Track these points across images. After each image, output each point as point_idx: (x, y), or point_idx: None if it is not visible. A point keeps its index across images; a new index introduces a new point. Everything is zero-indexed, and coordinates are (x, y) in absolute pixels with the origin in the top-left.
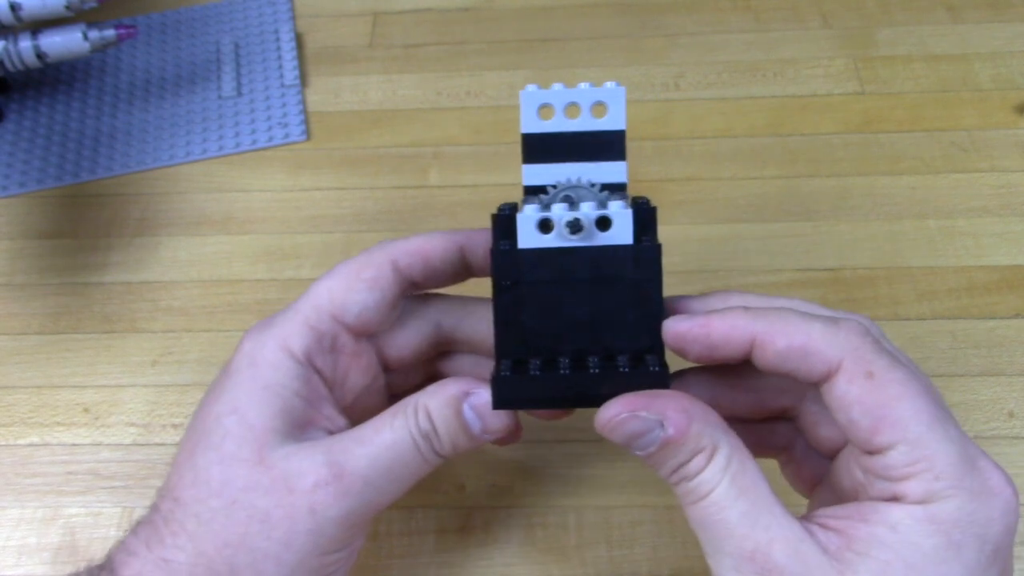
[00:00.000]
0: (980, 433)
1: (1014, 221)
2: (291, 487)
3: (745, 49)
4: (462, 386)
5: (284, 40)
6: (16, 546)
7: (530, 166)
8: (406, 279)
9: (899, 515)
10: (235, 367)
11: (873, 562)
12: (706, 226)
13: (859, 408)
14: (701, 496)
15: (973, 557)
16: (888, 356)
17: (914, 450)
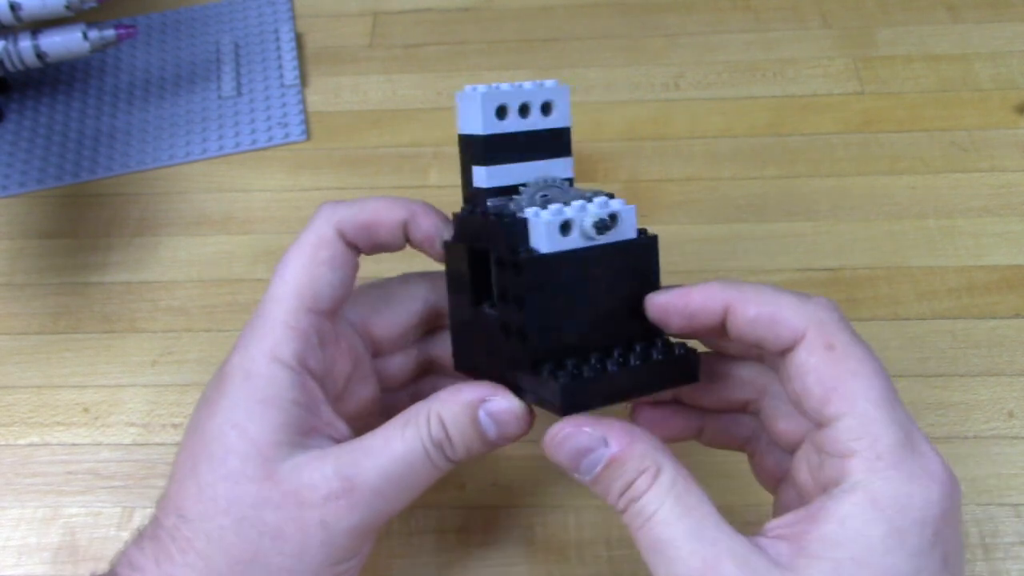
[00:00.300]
0: (980, 433)
1: (1014, 221)
2: (301, 501)
3: (745, 49)
4: (477, 392)
5: (284, 40)
6: (16, 546)
7: (485, 168)
8: (355, 248)
9: (846, 508)
10: (228, 381)
11: (825, 563)
12: (706, 226)
13: (814, 376)
14: (647, 517)
15: (916, 543)
16: (851, 333)
17: (860, 424)
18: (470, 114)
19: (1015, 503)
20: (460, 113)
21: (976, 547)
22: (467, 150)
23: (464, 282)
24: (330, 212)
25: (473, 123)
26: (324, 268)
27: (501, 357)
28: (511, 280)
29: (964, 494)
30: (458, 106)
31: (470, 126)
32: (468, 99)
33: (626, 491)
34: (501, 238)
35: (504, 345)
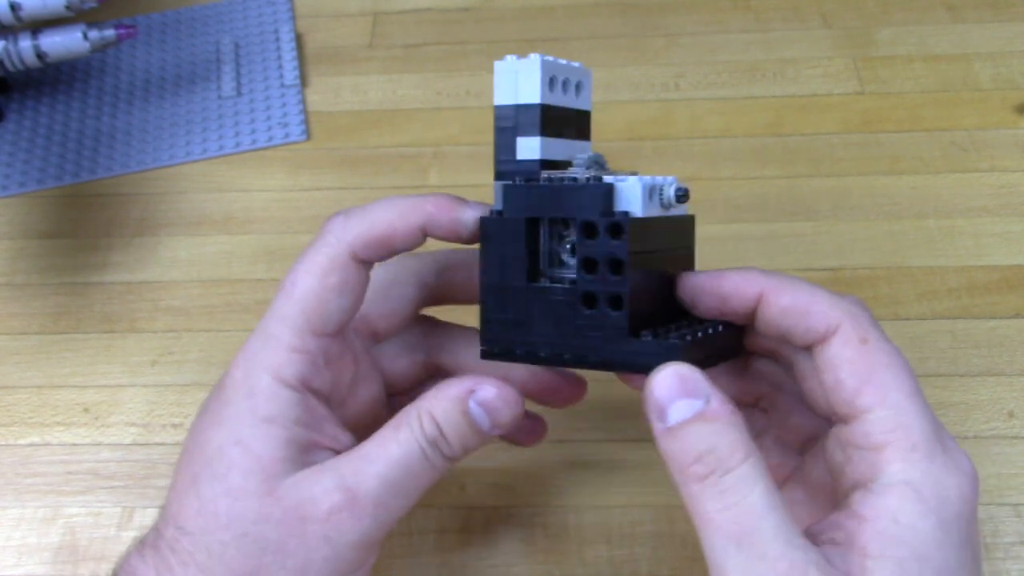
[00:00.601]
0: (980, 433)
1: (1014, 221)
2: (304, 516)
3: (745, 49)
4: (465, 384)
5: (284, 40)
6: (16, 546)
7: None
8: (368, 265)
9: (895, 501)
10: (230, 396)
11: (889, 562)
12: (706, 226)
13: (849, 368)
14: (735, 500)
15: (958, 537)
16: (882, 331)
17: (894, 416)
18: (522, 82)
19: (1015, 503)
20: (500, 83)
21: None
22: (511, 121)
23: (518, 258)
24: (341, 230)
25: (527, 92)
26: (333, 294)
27: (579, 329)
28: (604, 246)
29: None
30: (497, 76)
31: (520, 95)
32: (518, 67)
33: (706, 457)
34: (593, 203)
35: (586, 316)
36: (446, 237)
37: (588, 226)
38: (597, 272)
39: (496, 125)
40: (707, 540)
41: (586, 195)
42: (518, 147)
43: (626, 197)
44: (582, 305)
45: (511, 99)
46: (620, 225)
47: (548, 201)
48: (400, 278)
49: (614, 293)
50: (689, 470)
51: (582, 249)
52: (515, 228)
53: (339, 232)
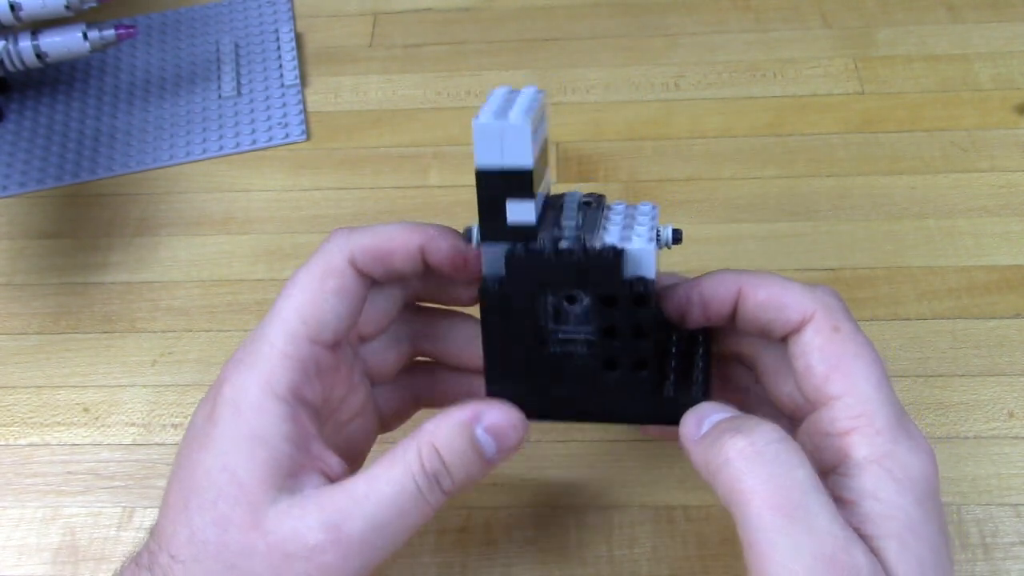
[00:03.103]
0: (980, 433)
1: (1014, 221)
2: (287, 553)
3: (745, 49)
4: (469, 410)
5: (284, 40)
6: (16, 546)
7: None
8: (367, 277)
9: (869, 482)
10: (219, 413)
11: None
12: (706, 226)
13: (819, 355)
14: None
15: (935, 516)
16: (854, 321)
17: (859, 403)
18: (507, 145)
19: (1015, 503)
20: (481, 145)
21: (976, 547)
22: (501, 185)
23: (524, 327)
24: (343, 239)
25: (515, 155)
26: (331, 298)
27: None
28: (626, 315)
29: (964, 494)
30: (478, 137)
31: (508, 158)
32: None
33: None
34: (609, 274)
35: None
36: (444, 264)
37: (607, 298)
38: (618, 338)
39: (479, 188)
40: (751, 512)
41: (599, 267)
42: (509, 210)
43: (637, 260)
44: (603, 368)
45: (496, 161)
46: (643, 296)
47: (555, 273)
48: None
49: (639, 357)
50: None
51: (602, 317)
52: (520, 300)
53: (340, 241)
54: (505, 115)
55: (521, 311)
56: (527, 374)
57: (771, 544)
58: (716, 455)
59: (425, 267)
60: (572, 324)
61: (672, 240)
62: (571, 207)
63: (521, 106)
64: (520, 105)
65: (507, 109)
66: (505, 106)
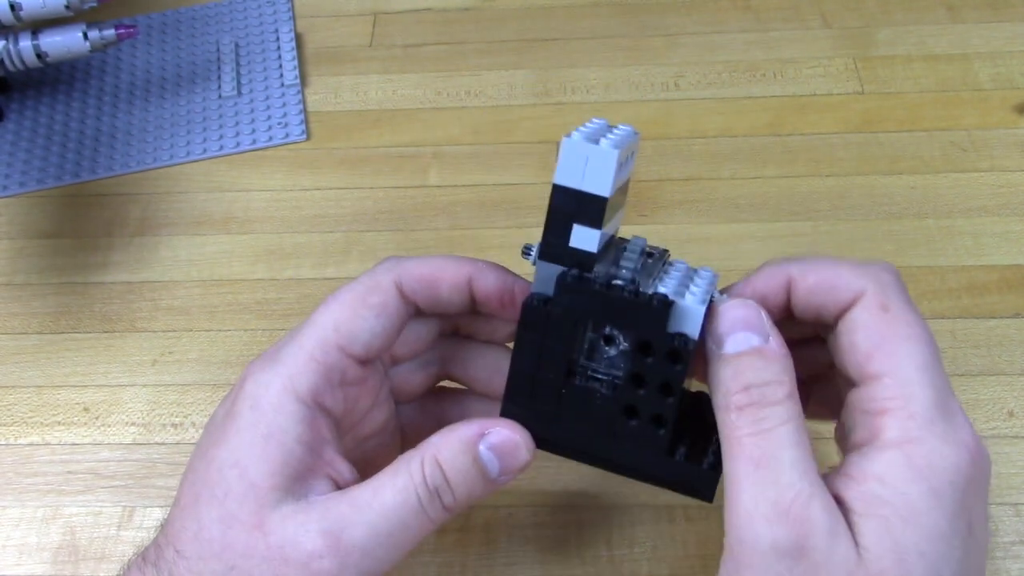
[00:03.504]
0: (980, 433)
1: (1014, 221)
2: (286, 557)
3: (745, 49)
4: (475, 427)
5: (284, 40)
6: (16, 546)
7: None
8: (412, 304)
9: (882, 465)
10: (237, 409)
11: (874, 520)
12: (706, 226)
13: (864, 333)
14: (767, 428)
15: (951, 507)
16: (907, 298)
17: (898, 385)
18: (591, 170)
19: (1015, 503)
20: (565, 162)
21: None
22: (573, 206)
23: (558, 354)
24: (393, 263)
25: (595, 181)
26: (369, 313)
27: (614, 435)
28: (658, 367)
29: None
30: (564, 154)
31: (587, 183)
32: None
33: (754, 388)
34: (652, 321)
35: (624, 425)
36: (491, 298)
37: (645, 344)
38: (645, 388)
39: (552, 203)
40: (731, 461)
41: (646, 314)
42: (573, 234)
43: (684, 316)
44: (622, 414)
45: (575, 182)
46: (680, 353)
47: (602, 307)
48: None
49: (659, 413)
50: (733, 397)
51: (634, 363)
52: (561, 324)
53: (389, 264)
54: (597, 140)
55: (558, 335)
56: (546, 401)
57: (739, 488)
58: (720, 396)
59: (470, 300)
60: (603, 365)
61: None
62: (634, 252)
63: (615, 137)
64: (615, 137)
65: (600, 137)
66: (599, 133)
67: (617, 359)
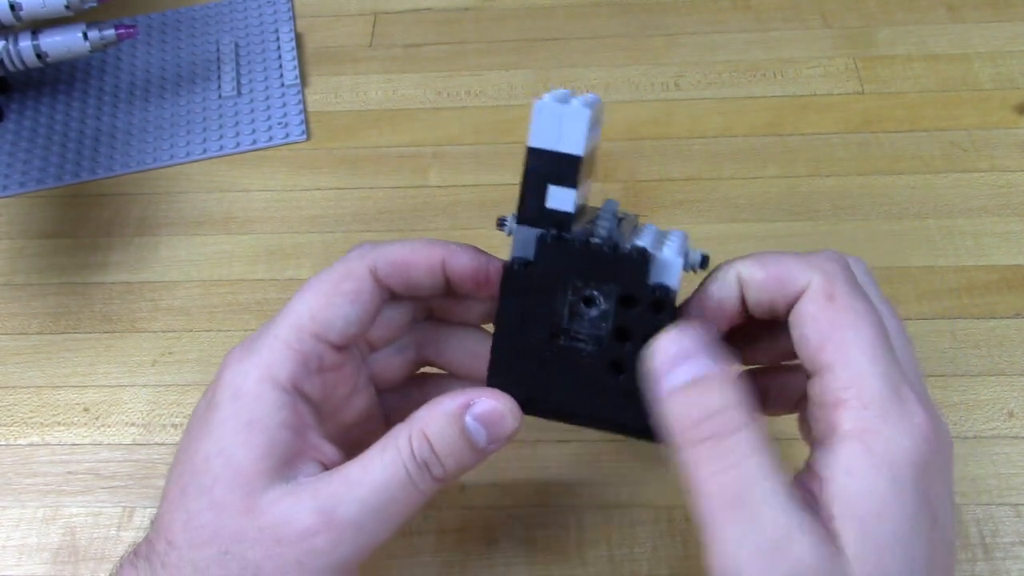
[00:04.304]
0: (980, 433)
1: (1014, 221)
2: (279, 537)
3: (745, 49)
4: (460, 399)
5: (284, 40)
6: (16, 546)
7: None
8: (386, 288)
9: (846, 460)
10: (218, 400)
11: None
12: (706, 226)
13: (811, 324)
14: (733, 463)
15: (912, 496)
16: (853, 285)
17: (848, 374)
18: (564, 129)
19: (1015, 503)
20: (539, 124)
21: (976, 547)
22: (548, 167)
23: (539, 314)
24: (366, 248)
25: (568, 140)
26: (343, 300)
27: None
28: (642, 318)
29: (964, 494)
30: (537, 116)
31: (560, 142)
32: (562, 112)
33: (705, 421)
34: (634, 274)
35: (611, 382)
36: (465, 279)
37: (627, 298)
38: (631, 341)
39: (527, 167)
40: (701, 505)
41: (627, 266)
42: (549, 195)
43: (663, 268)
44: (609, 370)
45: (550, 144)
46: (663, 302)
47: (583, 264)
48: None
49: None
50: (688, 434)
51: (617, 318)
52: (543, 285)
53: (362, 250)
54: (567, 102)
55: (540, 297)
56: (532, 364)
57: (718, 531)
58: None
59: (445, 282)
60: (585, 327)
61: (700, 264)
62: (608, 213)
63: (583, 99)
64: (583, 99)
65: (569, 100)
66: (566, 98)
67: (598, 319)
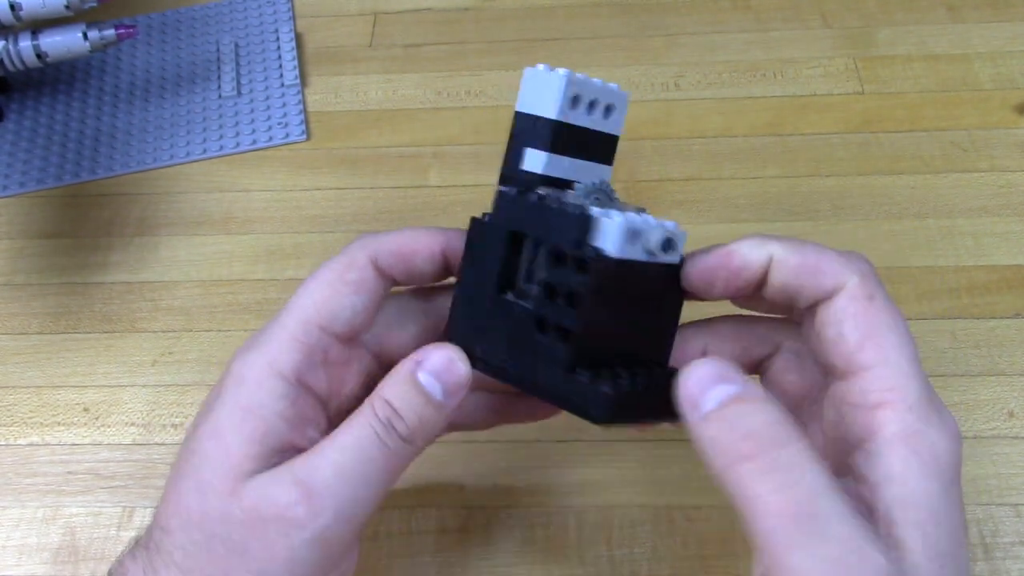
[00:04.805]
0: (980, 433)
1: (1014, 221)
2: (263, 516)
3: (745, 49)
4: (411, 358)
5: (284, 40)
6: (16, 546)
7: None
8: (388, 278)
9: (896, 465)
10: (223, 387)
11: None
12: (706, 226)
13: (852, 323)
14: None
15: (958, 500)
16: (886, 292)
17: (893, 375)
18: (543, 94)
19: (1015, 503)
20: (525, 90)
21: (976, 547)
22: (527, 130)
23: (491, 267)
24: (366, 239)
25: (545, 105)
26: (347, 290)
27: (527, 351)
28: (568, 277)
29: (964, 494)
30: (525, 82)
31: (539, 107)
32: (544, 79)
33: (756, 435)
34: (568, 231)
35: (536, 340)
36: None
37: (557, 253)
38: (556, 300)
39: (512, 129)
40: (761, 523)
41: (564, 222)
42: (524, 157)
43: (605, 233)
44: (536, 328)
45: (530, 108)
46: (586, 262)
47: (532, 217)
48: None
49: (565, 325)
50: (734, 452)
51: (549, 274)
52: (495, 237)
53: (362, 241)
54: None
55: (492, 251)
56: (479, 318)
57: (786, 552)
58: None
59: (445, 269)
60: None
61: (661, 246)
62: (588, 184)
63: (579, 74)
64: (580, 74)
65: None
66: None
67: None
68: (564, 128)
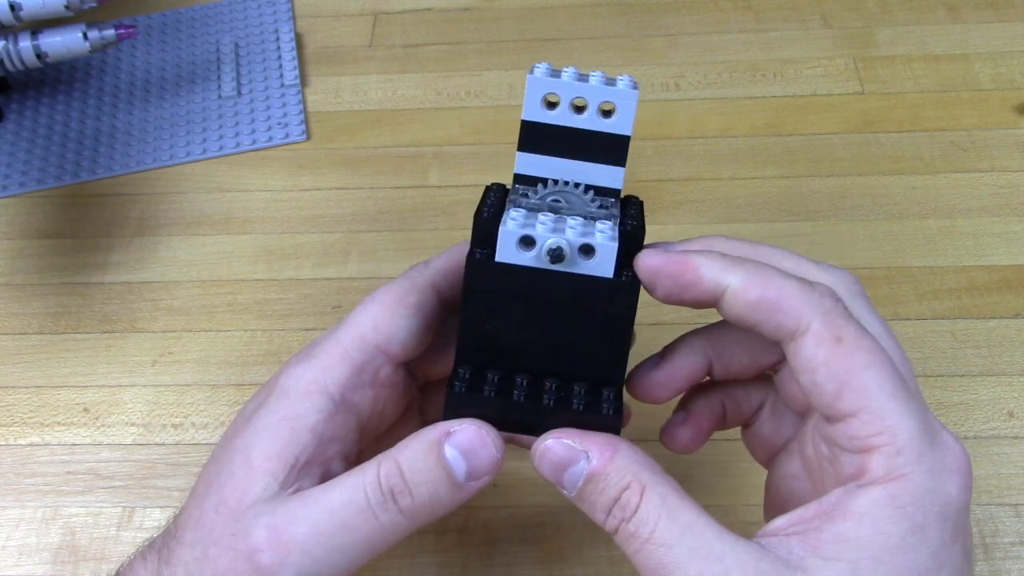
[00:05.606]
0: (980, 433)
1: (1014, 221)
2: (237, 548)
3: (745, 49)
4: (440, 428)
5: (284, 40)
6: (16, 546)
7: (525, 154)
8: (448, 302)
9: (863, 506)
10: (267, 398)
11: (841, 564)
12: (706, 226)
13: (824, 371)
14: (644, 539)
15: (937, 537)
16: (856, 324)
17: (876, 420)
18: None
19: (1015, 503)
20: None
21: (976, 547)
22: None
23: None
24: (424, 266)
25: (527, 108)
26: (407, 312)
27: None
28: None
29: None
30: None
31: (524, 111)
32: (527, 82)
33: (612, 509)
34: (481, 231)
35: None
36: None
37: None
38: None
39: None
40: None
41: (481, 222)
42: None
43: (500, 236)
44: None
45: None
46: (468, 261)
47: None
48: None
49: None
50: (605, 526)
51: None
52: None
53: (421, 267)
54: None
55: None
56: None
57: None
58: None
59: None
60: None
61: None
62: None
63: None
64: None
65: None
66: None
67: None
68: (539, 128)
